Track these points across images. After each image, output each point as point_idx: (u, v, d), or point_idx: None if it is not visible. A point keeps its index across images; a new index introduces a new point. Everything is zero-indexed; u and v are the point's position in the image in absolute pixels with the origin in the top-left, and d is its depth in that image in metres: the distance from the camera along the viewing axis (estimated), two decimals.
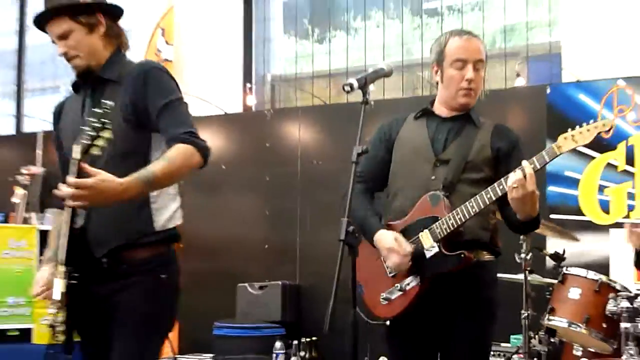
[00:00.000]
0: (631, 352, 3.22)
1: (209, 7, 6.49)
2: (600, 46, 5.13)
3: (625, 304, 3.33)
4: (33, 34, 7.60)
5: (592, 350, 3.59)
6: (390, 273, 2.65)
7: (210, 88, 6.34)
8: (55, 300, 2.24)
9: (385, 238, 2.58)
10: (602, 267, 4.21)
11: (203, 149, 2.22)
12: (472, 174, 2.64)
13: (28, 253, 5.23)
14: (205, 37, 6.52)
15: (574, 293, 3.53)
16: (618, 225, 4.45)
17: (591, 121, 2.66)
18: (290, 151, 5.97)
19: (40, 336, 5.01)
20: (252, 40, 6.55)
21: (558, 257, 3.82)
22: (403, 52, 5.90)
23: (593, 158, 4.72)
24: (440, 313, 2.60)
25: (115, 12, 2.45)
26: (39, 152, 6.95)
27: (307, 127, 6.03)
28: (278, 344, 5.08)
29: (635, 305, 3.35)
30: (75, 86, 2.48)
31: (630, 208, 4.62)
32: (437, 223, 2.55)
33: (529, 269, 3.67)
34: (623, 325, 3.27)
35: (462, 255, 2.49)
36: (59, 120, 2.54)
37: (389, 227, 2.70)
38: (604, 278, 3.54)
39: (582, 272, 3.57)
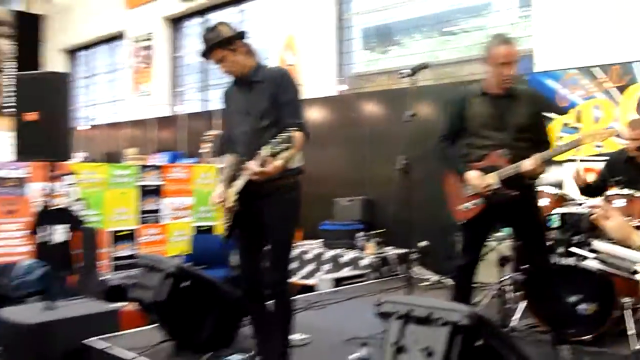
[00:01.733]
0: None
1: (314, 31, 8.23)
2: (557, 42, 5.98)
3: (574, 208, 4.17)
4: None
5: None
6: (467, 194, 3.44)
7: (316, 80, 7.94)
8: (228, 207, 3.04)
9: (473, 174, 3.38)
10: (557, 185, 4.82)
11: (307, 134, 2.88)
12: (522, 134, 3.36)
13: (211, 181, 7.27)
14: (313, 49, 8.21)
15: (543, 202, 4.24)
16: (569, 160, 5.31)
17: (603, 116, 3.80)
18: (364, 119, 7.41)
19: (218, 229, 6.90)
20: (342, 50, 8.18)
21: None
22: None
23: (552, 119, 5.74)
24: (494, 218, 3.50)
25: (245, 36, 3.05)
26: (215, 122, 8.88)
27: (376, 104, 7.42)
28: (359, 234, 6.61)
29: (581, 210, 4.14)
30: (234, 82, 3.11)
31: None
32: (500, 170, 3.33)
33: None
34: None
35: (512, 193, 3.31)
36: (227, 102, 3.21)
37: (471, 167, 3.44)
38: (560, 192, 4.44)
39: (548, 188, 4.33)
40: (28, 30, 13.21)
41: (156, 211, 7.00)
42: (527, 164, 3.23)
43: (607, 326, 3.76)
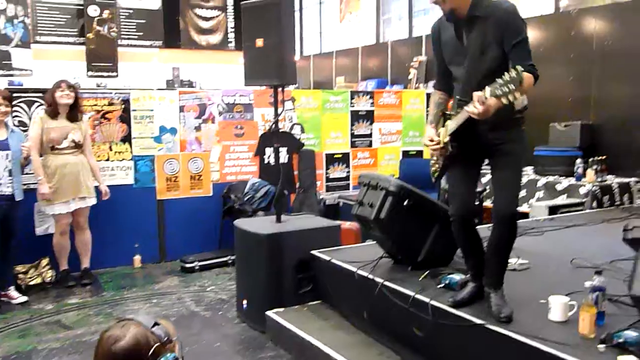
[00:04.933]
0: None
1: None
2: None
3: None
4: None
5: None
6: None
7: None
8: (441, 148, 2.99)
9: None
10: None
11: (536, 76, 2.68)
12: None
13: (420, 107, 7.57)
14: None
15: None
16: None
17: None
18: (588, 37, 6.83)
19: (426, 155, 6.83)
20: None
21: None
22: None
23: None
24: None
25: None
26: (423, 48, 9.00)
27: (600, 20, 6.79)
28: (578, 160, 6.18)
29: None
30: (448, 17, 2.89)
31: None
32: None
33: None
34: None
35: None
36: (439, 39, 3.04)
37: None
38: None
39: None
40: None
41: (367, 135, 7.30)
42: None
43: None
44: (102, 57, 11.15)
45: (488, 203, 6.03)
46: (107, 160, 5.93)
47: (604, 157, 6.22)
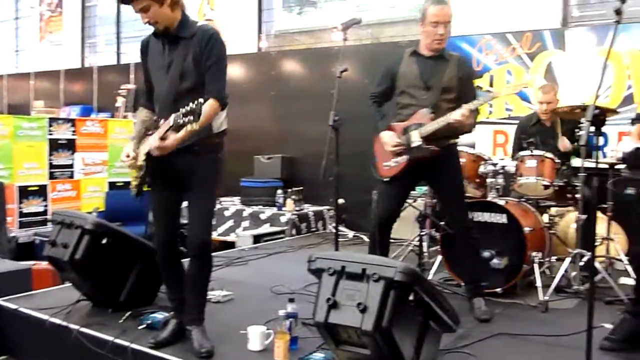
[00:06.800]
0: (493, 195, 4.23)
1: None
2: (473, 8, 6.05)
3: (490, 167, 4.35)
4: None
5: (468, 195, 4.27)
6: (389, 152, 3.51)
7: (236, 37, 7.73)
8: (138, 165, 2.91)
9: (385, 134, 3.52)
10: (471, 146, 4.84)
11: (223, 104, 2.80)
12: (447, 95, 3.44)
13: (127, 136, 7.08)
14: (234, 6, 8.01)
15: (461, 161, 3.92)
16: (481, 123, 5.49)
17: (514, 81, 3.89)
18: (287, 76, 7.38)
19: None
20: (262, 8, 7.99)
21: None
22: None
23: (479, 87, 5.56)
24: (417, 175, 3.55)
25: None
26: (131, 75, 8.80)
27: (297, 62, 7.43)
28: (279, 191, 6.65)
29: (496, 169, 4.33)
30: (155, 34, 2.90)
31: (490, 112, 5.94)
32: (422, 127, 3.41)
33: None
34: (488, 180, 4.32)
35: (433, 149, 3.39)
36: (146, 54, 2.99)
37: (394, 127, 3.54)
38: (478, 152, 4.52)
39: (465, 148, 4.36)
40: None
41: (69, 166, 6.81)
42: (457, 114, 3.25)
43: (518, 279, 3.98)
44: None
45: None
46: None
47: (301, 187, 6.73)
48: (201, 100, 2.55)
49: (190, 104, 2.51)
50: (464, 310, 3.55)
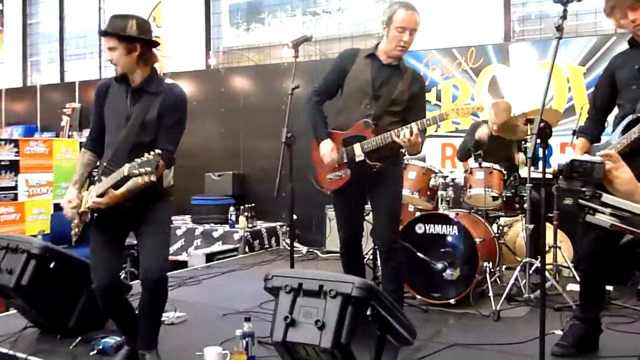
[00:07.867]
0: (443, 207, 4.27)
1: (184, 3, 7.94)
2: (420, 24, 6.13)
3: (440, 180, 4.38)
4: (70, 21, 9.17)
5: (420, 207, 4.56)
6: (329, 164, 3.31)
7: (184, 54, 7.81)
8: (80, 212, 2.87)
9: (325, 146, 3.28)
10: (421, 159, 5.00)
11: (169, 165, 2.81)
12: (393, 107, 3.24)
13: (73, 156, 7.04)
14: (181, 22, 7.93)
15: (412, 175, 4.45)
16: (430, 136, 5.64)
17: (470, 102, 3.85)
18: (236, 93, 7.37)
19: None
20: (210, 25, 7.94)
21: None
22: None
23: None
24: (362, 188, 3.35)
25: (152, 45, 2.87)
26: (76, 94, 8.59)
27: (247, 78, 7.41)
28: (231, 208, 6.60)
29: (446, 181, 4.34)
30: (118, 79, 2.89)
31: (439, 126, 5.93)
32: (365, 141, 3.20)
33: None
34: (440, 192, 4.35)
35: (377, 165, 3.23)
36: (104, 98, 2.92)
37: (333, 134, 3.32)
38: (428, 165, 4.58)
39: (416, 162, 4.52)
40: None
41: (12, 188, 6.57)
42: (405, 133, 3.05)
43: (470, 289, 4.02)
44: None
45: None
46: None
47: (253, 204, 6.68)
48: (158, 151, 2.56)
49: (147, 155, 2.51)
50: (419, 323, 3.56)
